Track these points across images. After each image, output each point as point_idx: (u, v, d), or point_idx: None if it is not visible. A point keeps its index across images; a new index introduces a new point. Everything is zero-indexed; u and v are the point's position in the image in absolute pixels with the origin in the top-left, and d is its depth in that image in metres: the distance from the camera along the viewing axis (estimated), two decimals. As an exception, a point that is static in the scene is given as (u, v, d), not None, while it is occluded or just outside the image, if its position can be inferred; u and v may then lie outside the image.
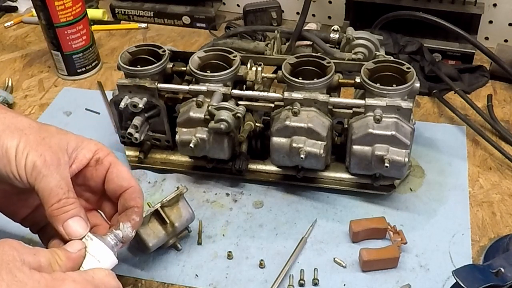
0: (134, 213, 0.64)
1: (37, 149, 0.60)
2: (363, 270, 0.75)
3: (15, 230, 0.71)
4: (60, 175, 0.60)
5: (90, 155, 0.66)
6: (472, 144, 0.94)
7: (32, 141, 0.60)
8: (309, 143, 0.78)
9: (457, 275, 0.64)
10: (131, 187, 0.66)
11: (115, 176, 0.66)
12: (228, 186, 0.88)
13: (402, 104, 0.76)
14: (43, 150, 0.60)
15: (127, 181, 0.66)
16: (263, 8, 1.25)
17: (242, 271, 0.76)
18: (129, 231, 0.64)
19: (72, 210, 0.60)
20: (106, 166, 0.66)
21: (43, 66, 1.20)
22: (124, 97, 0.83)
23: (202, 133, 0.81)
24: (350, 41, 0.90)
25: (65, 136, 0.64)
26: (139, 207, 0.65)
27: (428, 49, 1.09)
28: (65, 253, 0.58)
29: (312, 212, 0.83)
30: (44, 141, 0.61)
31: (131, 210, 0.65)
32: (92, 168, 0.66)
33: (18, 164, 0.59)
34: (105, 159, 0.66)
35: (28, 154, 0.59)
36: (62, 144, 0.62)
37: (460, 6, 1.09)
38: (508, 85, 1.07)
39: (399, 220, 0.81)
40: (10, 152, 0.59)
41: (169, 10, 1.31)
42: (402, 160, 0.76)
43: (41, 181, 0.59)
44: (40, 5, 1.04)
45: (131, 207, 0.65)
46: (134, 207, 0.65)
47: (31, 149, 0.59)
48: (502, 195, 0.85)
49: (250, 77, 0.83)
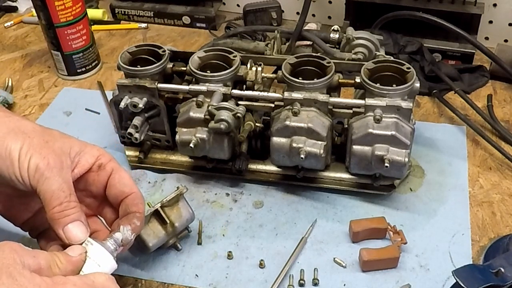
0: (136, 217, 0.65)
1: (40, 152, 0.60)
2: (363, 270, 0.75)
3: (16, 229, 0.71)
4: (62, 178, 0.60)
5: (93, 160, 0.66)
6: (472, 144, 0.94)
7: (35, 144, 0.60)
8: (309, 143, 0.78)
9: (457, 275, 0.64)
10: (133, 193, 0.66)
11: (117, 182, 0.66)
12: (228, 186, 0.88)
13: (402, 104, 0.76)
14: (46, 153, 0.60)
15: (129, 187, 0.66)
16: (263, 8, 1.25)
17: (242, 271, 0.76)
18: (128, 234, 0.64)
19: (73, 215, 0.61)
20: (108, 172, 0.67)
21: (43, 66, 1.20)
22: (124, 97, 0.83)
23: (202, 133, 0.81)
24: (350, 41, 0.90)
25: (68, 140, 0.64)
26: (140, 212, 0.65)
27: (428, 49, 1.09)
28: (66, 257, 0.58)
29: (312, 212, 0.83)
30: (47, 145, 0.61)
31: (133, 215, 0.65)
32: (94, 173, 0.66)
33: (21, 166, 0.59)
34: (108, 165, 0.67)
35: (31, 157, 0.59)
36: (65, 148, 0.63)
37: (460, 6, 1.09)
38: (508, 85, 1.07)
39: (399, 220, 0.81)
40: (13, 154, 0.59)
41: (169, 10, 1.31)
42: (402, 160, 0.76)
43: (44, 183, 0.59)
44: (40, 5, 1.04)
45: (133, 213, 0.65)
46: (136, 212, 0.65)
47: (35, 151, 0.60)
48: (502, 195, 0.85)
49: (250, 77, 0.83)
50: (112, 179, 0.67)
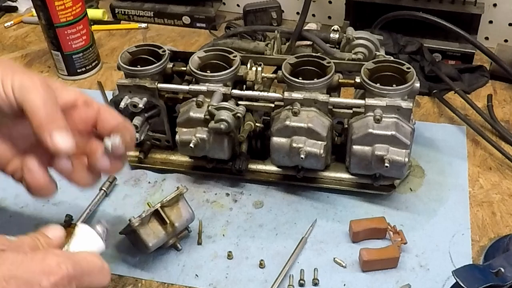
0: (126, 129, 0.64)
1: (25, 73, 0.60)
2: (363, 270, 0.75)
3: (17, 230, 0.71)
4: (49, 95, 0.60)
5: (73, 95, 0.65)
6: (472, 144, 0.94)
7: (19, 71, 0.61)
8: (309, 143, 0.78)
9: (457, 275, 0.64)
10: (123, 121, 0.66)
11: (108, 115, 0.66)
12: (228, 186, 0.88)
13: (402, 104, 0.76)
14: (31, 75, 0.61)
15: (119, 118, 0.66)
16: (263, 8, 1.25)
17: (242, 271, 0.76)
18: (117, 140, 0.63)
19: (60, 122, 0.60)
20: (96, 108, 0.66)
21: (43, 66, 1.19)
22: (124, 97, 0.83)
23: (202, 133, 0.81)
24: (350, 41, 0.90)
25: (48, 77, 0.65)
26: (131, 130, 0.65)
27: (428, 49, 1.09)
28: (46, 239, 0.57)
29: (312, 212, 0.83)
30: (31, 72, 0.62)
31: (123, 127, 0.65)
32: (81, 110, 0.66)
33: (5, 85, 0.59)
34: (93, 103, 0.67)
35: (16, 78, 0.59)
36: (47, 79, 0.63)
37: (460, 6, 1.09)
38: (508, 85, 1.07)
39: (399, 220, 0.81)
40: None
41: (169, 10, 1.31)
42: (402, 160, 0.76)
43: (30, 96, 0.59)
44: (40, 5, 1.04)
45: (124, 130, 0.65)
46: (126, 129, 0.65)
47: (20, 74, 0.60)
48: (502, 195, 0.85)
49: (250, 77, 0.83)
50: (103, 114, 0.66)
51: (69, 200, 0.85)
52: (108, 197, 0.87)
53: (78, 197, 0.86)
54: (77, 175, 0.65)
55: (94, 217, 0.83)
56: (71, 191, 0.88)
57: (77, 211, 0.82)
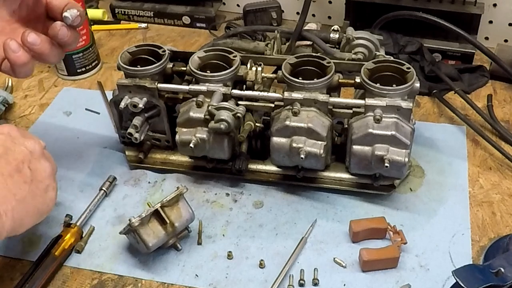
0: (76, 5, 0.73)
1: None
2: (363, 270, 0.75)
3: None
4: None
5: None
6: (472, 144, 0.94)
7: None
8: (309, 143, 0.78)
9: (457, 275, 0.64)
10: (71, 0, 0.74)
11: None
12: (228, 186, 0.88)
13: (402, 104, 0.76)
14: None
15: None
16: (263, 8, 1.25)
17: (242, 271, 0.76)
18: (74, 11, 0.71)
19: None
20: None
21: (43, 66, 1.19)
22: (124, 97, 0.83)
23: (202, 133, 0.81)
24: (350, 41, 0.90)
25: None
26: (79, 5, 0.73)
27: (428, 49, 1.09)
28: None
29: (312, 212, 0.83)
30: None
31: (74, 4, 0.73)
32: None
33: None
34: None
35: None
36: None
37: (460, 6, 1.09)
38: (508, 85, 1.07)
39: (399, 220, 0.81)
40: None
41: (169, 10, 1.31)
42: (402, 160, 0.76)
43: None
44: (40, 5, 1.04)
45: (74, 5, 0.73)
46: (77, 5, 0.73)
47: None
48: (502, 195, 0.85)
49: (250, 77, 0.83)
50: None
51: (69, 200, 0.85)
52: (108, 197, 0.87)
53: (78, 197, 0.86)
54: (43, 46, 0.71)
55: (94, 217, 0.84)
56: (71, 191, 0.88)
57: (77, 211, 0.82)
